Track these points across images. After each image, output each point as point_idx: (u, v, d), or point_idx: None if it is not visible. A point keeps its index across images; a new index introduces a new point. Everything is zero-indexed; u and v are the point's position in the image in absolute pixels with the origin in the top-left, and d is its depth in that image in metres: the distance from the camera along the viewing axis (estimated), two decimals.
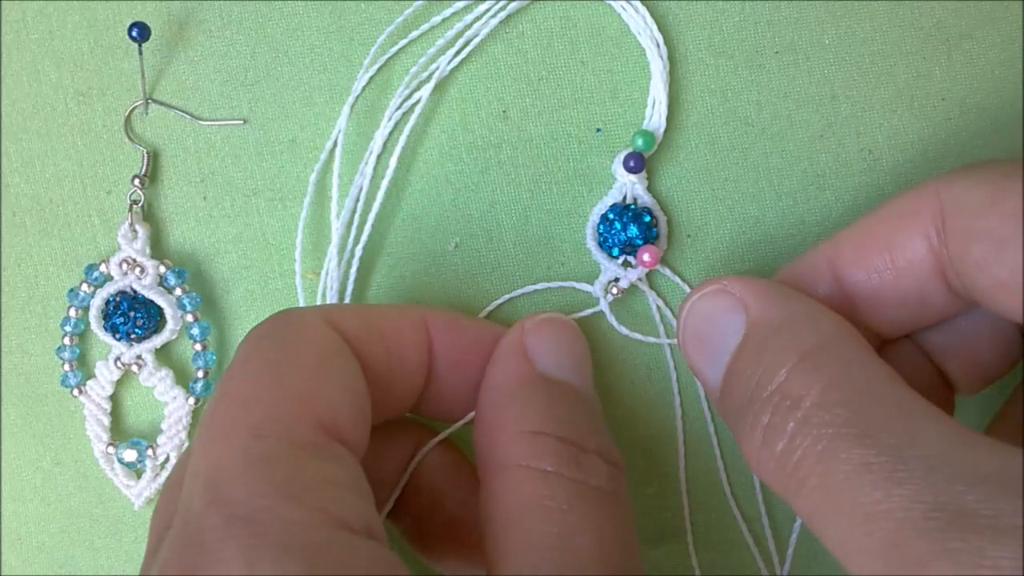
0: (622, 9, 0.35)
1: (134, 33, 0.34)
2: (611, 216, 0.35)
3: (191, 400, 0.35)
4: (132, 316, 0.35)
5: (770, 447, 0.26)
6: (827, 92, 0.35)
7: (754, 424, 0.26)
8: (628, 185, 0.35)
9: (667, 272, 0.35)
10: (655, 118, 0.35)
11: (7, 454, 0.36)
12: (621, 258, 0.35)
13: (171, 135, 0.36)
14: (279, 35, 0.35)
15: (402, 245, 0.36)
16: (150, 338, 0.35)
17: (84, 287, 0.35)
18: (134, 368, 0.35)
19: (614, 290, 0.35)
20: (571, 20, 0.35)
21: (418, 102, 0.35)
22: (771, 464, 0.26)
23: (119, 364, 0.35)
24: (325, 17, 0.35)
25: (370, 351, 0.29)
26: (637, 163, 0.34)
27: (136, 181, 0.35)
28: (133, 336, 0.35)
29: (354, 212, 0.35)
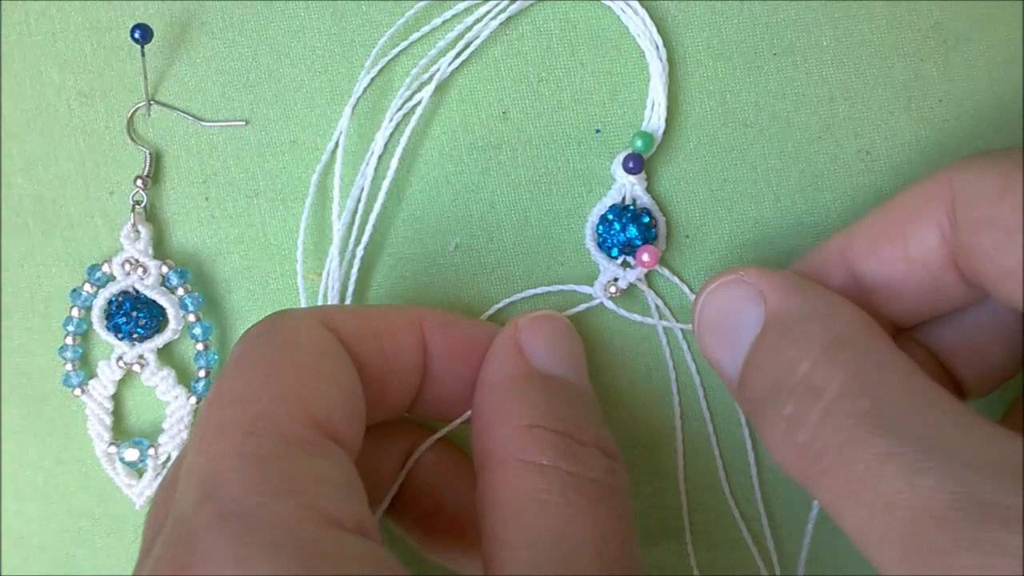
0: (621, 11, 0.35)
1: (136, 35, 0.34)
2: (610, 217, 0.35)
3: (193, 400, 0.35)
4: (134, 316, 0.35)
5: (792, 437, 0.26)
6: (825, 93, 0.35)
7: (776, 415, 0.26)
8: (627, 186, 0.35)
9: (666, 272, 0.36)
10: (654, 119, 0.35)
11: (9, 453, 0.36)
12: (620, 258, 0.35)
13: (173, 136, 0.36)
14: (281, 37, 0.36)
15: (403, 245, 0.36)
16: (152, 338, 0.36)
17: (87, 287, 0.35)
18: (136, 368, 0.36)
19: (612, 289, 0.35)
20: (571, 22, 0.35)
21: (419, 103, 0.35)
22: (793, 454, 0.26)
23: (121, 364, 0.35)
24: (326, 19, 0.35)
25: (365, 351, 0.29)
26: (636, 164, 0.34)
27: (138, 182, 0.35)
28: (135, 336, 0.35)
29: (355, 213, 0.36)
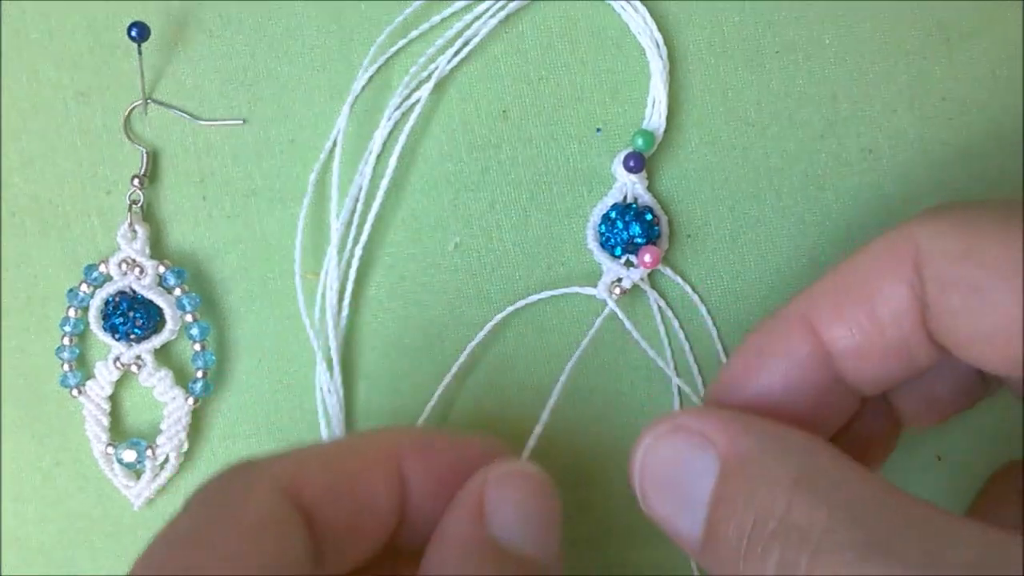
0: (622, 9, 0.35)
1: (133, 33, 0.34)
2: (613, 215, 0.35)
3: (190, 400, 0.35)
4: (131, 316, 0.35)
5: None
6: (827, 92, 0.35)
7: (762, 566, 0.24)
8: (628, 185, 0.35)
9: (668, 272, 0.35)
10: (655, 118, 0.35)
11: (6, 454, 0.36)
12: (624, 257, 0.35)
13: (171, 135, 0.36)
14: (279, 35, 0.35)
15: (402, 245, 0.36)
16: (149, 338, 0.35)
17: (83, 287, 0.35)
18: (133, 368, 0.35)
19: (617, 291, 0.35)
20: (571, 20, 0.35)
21: (418, 102, 0.35)
22: None
23: (118, 364, 0.35)
24: (324, 17, 0.35)
25: (332, 513, 0.27)
26: (637, 163, 0.34)
27: (135, 181, 0.35)
28: (132, 336, 0.35)
29: (354, 212, 0.35)
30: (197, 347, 0.36)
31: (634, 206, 0.35)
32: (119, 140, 0.36)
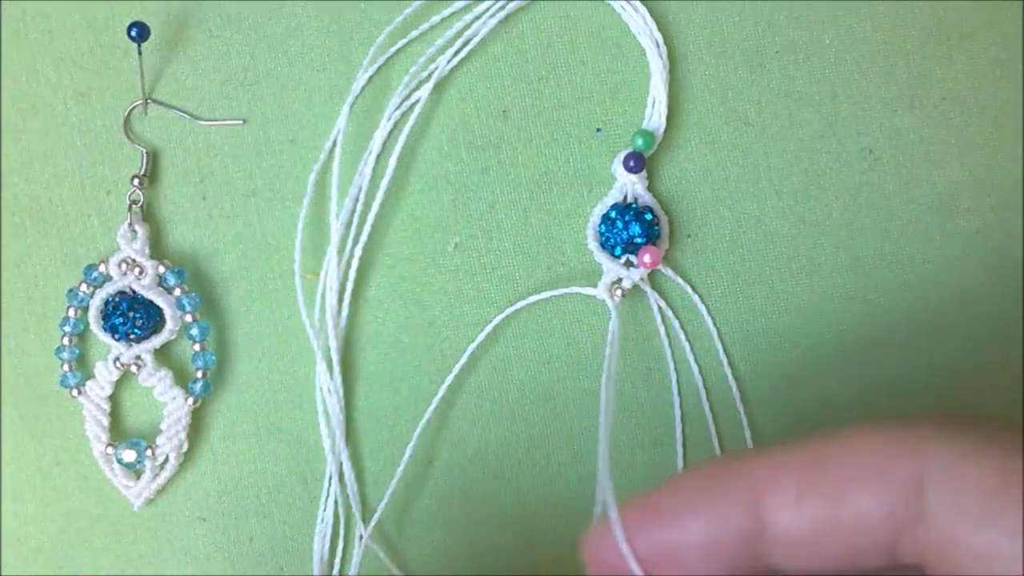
0: (622, 9, 0.35)
1: (133, 33, 0.34)
2: (613, 215, 0.34)
3: (190, 400, 0.35)
4: (131, 316, 0.35)
5: None
6: (827, 91, 0.35)
7: None
8: (628, 185, 0.35)
9: (669, 272, 0.35)
10: (655, 118, 0.35)
11: (6, 454, 0.36)
12: (624, 258, 0.35)
13: (170, 135, 0.36)
14: (279, 35, 0.35)
15: (402, 245, 0.36)
16: (149, 338, 0.35)
17: (83, 287, 0.35)
18: (133, 368, 0.35)
19: (618, 292, 0.35)
20: (571, 20, 0.35)
21: (417, 102, 0.35)
22: None
23: (118, 364, 0.35)
24: (324, 17, 0.35)
25: None
26: (637, 163, 0.34)
27: (135, 181, 0.35)
28: (132, 336, 0.35)
29: (353, 212, 0.35)
30: (197, 347, 0.35)
31: (634, 206, 0.35)
32: (119, 140, 0.36)
